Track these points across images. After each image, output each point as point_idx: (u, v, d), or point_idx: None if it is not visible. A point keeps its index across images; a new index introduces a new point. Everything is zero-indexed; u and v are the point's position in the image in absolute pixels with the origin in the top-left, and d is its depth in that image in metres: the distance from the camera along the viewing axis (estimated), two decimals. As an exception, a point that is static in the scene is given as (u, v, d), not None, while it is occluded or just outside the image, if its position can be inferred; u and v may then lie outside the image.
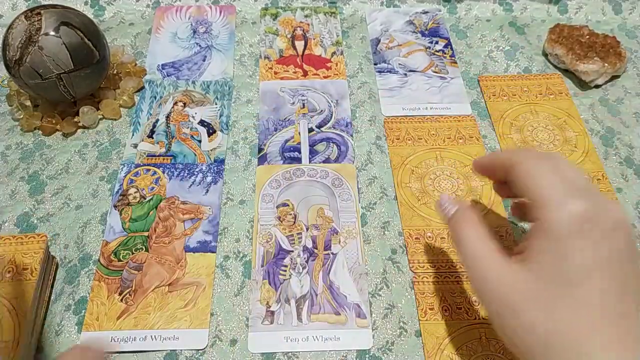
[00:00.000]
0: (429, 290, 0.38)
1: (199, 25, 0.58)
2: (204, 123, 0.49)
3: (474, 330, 0.37)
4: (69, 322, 0.37)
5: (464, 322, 0.37)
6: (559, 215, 0.28)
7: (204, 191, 0.44)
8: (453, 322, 0.37)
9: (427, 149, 0.46)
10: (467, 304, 0.38)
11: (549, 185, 0.30)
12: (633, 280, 0.28)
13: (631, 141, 0.48)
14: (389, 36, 0.57)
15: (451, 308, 0.38)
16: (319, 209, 0.43)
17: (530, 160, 0.31)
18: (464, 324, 0.37)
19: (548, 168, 0.31)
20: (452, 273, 0.39)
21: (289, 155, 0.46)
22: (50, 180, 0.45)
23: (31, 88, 0.44)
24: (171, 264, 0.40)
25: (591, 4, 0.59)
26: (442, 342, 0.36)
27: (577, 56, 0.52)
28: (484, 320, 0.37)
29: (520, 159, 0.32)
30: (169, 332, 0.36)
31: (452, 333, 0.36)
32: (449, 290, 0.38)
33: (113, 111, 0.49)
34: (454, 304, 0.38)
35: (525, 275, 0.29)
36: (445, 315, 0.37)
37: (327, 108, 0.50)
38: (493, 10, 0.60)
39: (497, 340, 0.36)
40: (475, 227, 0.32)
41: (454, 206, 0.34)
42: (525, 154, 0.32)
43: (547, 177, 0.30)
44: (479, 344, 0.36)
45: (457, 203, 0.34)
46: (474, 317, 0.37)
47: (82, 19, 0.45)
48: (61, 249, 0.41)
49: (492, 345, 0.36)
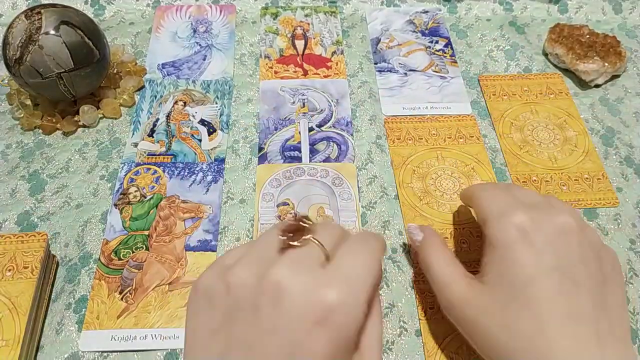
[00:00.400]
0: (429, 290, 0.39)
1: (199, 25, 0.58)
2: (204, 122, 0.49)
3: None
4: (69, 320, 0.37)
5: None
6: (500, 227, 0.30)
7: (205, 190, 0.44)
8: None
9: (427, 149, 0.46)
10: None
11: (493, 203, 0.32)
12: (587, 280, 0.28)
13: (631, 141, 0.48)
14: (389, 36, 0.57)
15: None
16: (319, 208, 0.43)
17: (483, 186, 0.35)
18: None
19: (497, 192, 0.33)
20: None
21: (289, 154, 0.46)
22: (50, 179, 0.45)
23: (31, 87, 0.44)
24: (171, 263, 0.40)
25: (591, 4, 0.59)
26: (442, 341, 0.36)
27: (577, 56, 0.52)
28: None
29: (476, 187, 0.36)
30: (169, 331, 0.36)
31: (452, 332, 0.36)
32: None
33: (113, 110, 0.49)
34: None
35: (482, 291, 0.30)
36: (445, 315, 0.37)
37: (328, 107, 0.50)
38: (493, 10, 0.60)
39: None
40: (441, 252, 0.34)
41: (420, 233, 0.36)
42: (482, 184, 0.36)
43: (493, 197, 0.33)
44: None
45: (423, 230, 0.36)
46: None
47: (83, 18, 0.45)
48: (61, 247, 0.41)
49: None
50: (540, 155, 0.47)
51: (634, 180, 0.46)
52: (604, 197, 0.44)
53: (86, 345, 0.36)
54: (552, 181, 0.45)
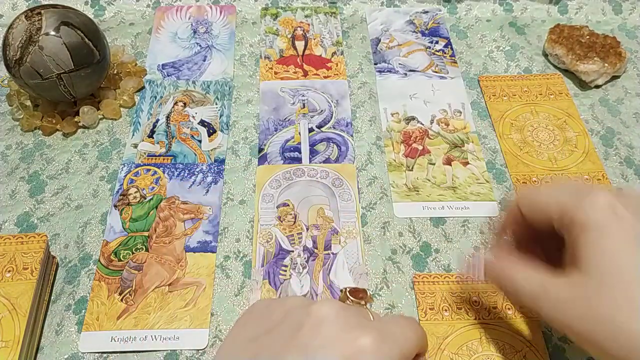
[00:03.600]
0: (429, 290, 0.39)
1: (199, 25, 0.58)
2: (204, 123, 0.49)
3: (474, 330, 0.37)
4: (69, 321, 0.37)
5: (465, 322, 0.37)
6: (588, 209, 0.28)
7: (204, 191, 0.44)
8: (453, 322, 0.37)
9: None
10: (467, 304, 0.38)
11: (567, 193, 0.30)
12: None
13: (631, 141, 0.48)
14: (389, 36, 0.57)
15: (451, 308, 0.38)
16: (319, 209, 0.43)
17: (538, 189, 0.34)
18: (464, 324, 0.37)
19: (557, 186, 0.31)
20: (452, 273, 0.39)
21: (289, 155, 0.46)
22: (50, 180, 0.45)
23: (31, 88, 0.44)
24: (171, 264, 0.40)
25: (591, 4, 0.59)
26: (443, 342, 0.36)
27: (577, 56, 0.52)
28: (484, 320, 0.37)
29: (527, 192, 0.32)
30: (169, 332, 0.36)
31: (452, 333, 0.36)
32: (449, 290, 0.38)
33: (113, 111, 0.49)
34: (454, 304, 0.38)
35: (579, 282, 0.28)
36: (445, 315, 0.37)
37: (328, 108, 0.50)
38: (493, 11, 0.60)
39: (497, 341, 0.36)
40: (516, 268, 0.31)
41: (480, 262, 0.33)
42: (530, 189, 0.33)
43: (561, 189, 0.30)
44: (479, 344, 0.36)
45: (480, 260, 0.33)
46: (474, 317, 0.37)
47: (83, 19, 0.45)
48: (61, 248, 0.41)
49: (492, 346, 0.36)
50: (540, 155, 0.47)
51: (634, 180, 0.45)
52: (604, 198, 0.44)
53: (86, 346, 0.36)
54: (552, 182, 0.45)
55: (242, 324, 0.28)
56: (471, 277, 0.35)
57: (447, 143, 0.48)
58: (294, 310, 0.26)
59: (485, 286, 0.38)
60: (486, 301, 0.38)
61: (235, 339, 0.27)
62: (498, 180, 0.45)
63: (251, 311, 0.28)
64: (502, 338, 0.36)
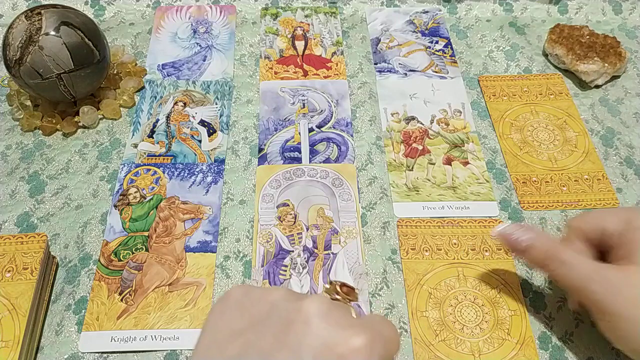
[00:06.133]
0: (412, 233, 0.41)
1: (199, 25, 0.58)
2: (204, 123, 0.49)
3: (452, 268, 0.40)
4: (69, 321, 0.37)
5: (443, 261, 0.40)
6: None
7: (204, 191, 0.44)
8: (433, 261, 0.40)
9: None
10: (447, 245, 0.41)
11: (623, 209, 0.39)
12: None
13: (631, 141, 0.48)
14: (389, 36, 0.57)
15: (431, 249, 0.41)
16: (319, 209, 0.43)
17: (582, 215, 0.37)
18: (443, 263, 0.40)
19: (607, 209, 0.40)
20: (434, 218, 0.42)
21: (289, 155, 0.46)
22: (50, 180, 0.45)
23: (31, 88, 0.44)
24: (171, 264, 0.40)
25: (591, 4, 0.59)
26: (422, 277, 0.39)
27: (577, 56, 0.52)
28: (462, 261, 0.40)
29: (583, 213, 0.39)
30: (169, 332, 0.36)
31: (431, 270, 0.39)
32: (431, 234, 0.41)
33: (113, 111, 0.49)
34: (434, 246, 0.41)
35: None
36: (425, 255, 0.40)
37: (327, 108, 0.50)
38: (493, 11, 0.60)
39: (474, 278, 0.39)
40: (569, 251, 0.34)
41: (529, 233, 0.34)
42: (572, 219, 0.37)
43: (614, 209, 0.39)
44: (457, 280, 0.39)
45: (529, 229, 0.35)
46: (453, 257, 0.40)
47: (83, 19, 0.45)
48: (61, 248, 0.41)
49: (468, 282, 0.39)
50: (540, 155, 0.47)
51: (633, 180, 0.45)
52: (604, 198, 0.44)
53: (86, 346, 0.36)
54: (552, 182, 0.45)
55: (219, 312, 0.26)
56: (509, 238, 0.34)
57: (447, 143, 0.48)
58: (281, 304, 0.25)
59: (465, 230, 0.41)
60: (465, 244, 0.41)
61: (215, 331, 0.25)
62: (498, 180, 0.45)
63: (227, 298, 0.26)
64: (478, 276, 0.39)
